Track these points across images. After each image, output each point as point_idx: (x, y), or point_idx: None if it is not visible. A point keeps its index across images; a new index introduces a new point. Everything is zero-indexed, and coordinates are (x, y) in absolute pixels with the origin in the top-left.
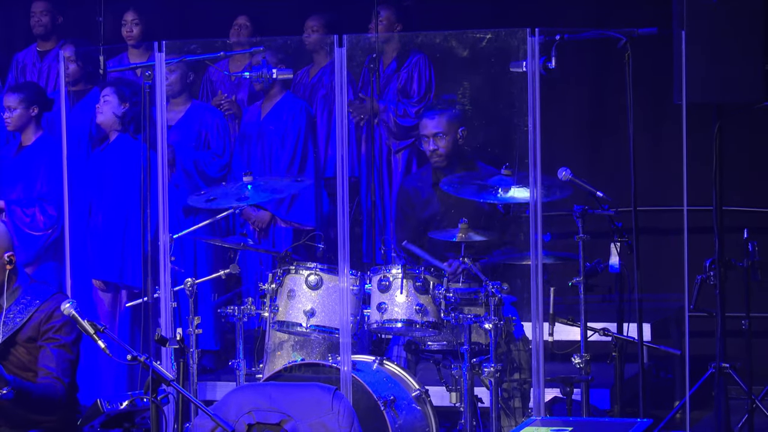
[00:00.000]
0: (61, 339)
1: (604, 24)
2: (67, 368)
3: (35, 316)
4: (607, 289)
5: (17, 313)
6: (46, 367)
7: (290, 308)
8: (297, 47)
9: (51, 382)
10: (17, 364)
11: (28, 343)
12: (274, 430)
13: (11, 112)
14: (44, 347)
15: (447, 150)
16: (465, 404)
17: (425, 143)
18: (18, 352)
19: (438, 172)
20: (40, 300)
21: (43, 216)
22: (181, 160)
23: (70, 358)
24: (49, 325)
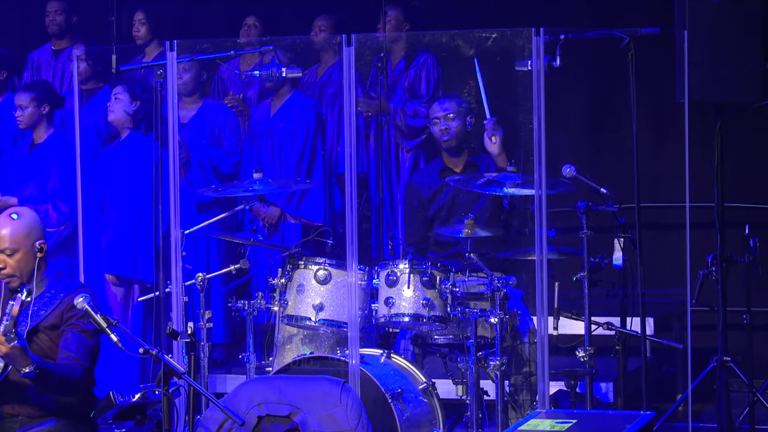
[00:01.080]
0: (83, 325)
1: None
2: (86, 353)
3: (59, 307)
4: (610, 283)
5: (41, 306)
6: (66, 349)
7: (299, 302)
8: (306, 46)
9: (70, 363)
10: (39, 352)
11: (51, 331)
12: (284, 423)
13: (23, 110)
14: (66, 331)
15: (456, 132)
16: (471, 397)
17: (435, 125)
18: (40, 339)
19: (446, 156)
20: (64, 293)
21: (56, 212)
22: (194, 157)
23: (90, 344)
24: (72, 312)
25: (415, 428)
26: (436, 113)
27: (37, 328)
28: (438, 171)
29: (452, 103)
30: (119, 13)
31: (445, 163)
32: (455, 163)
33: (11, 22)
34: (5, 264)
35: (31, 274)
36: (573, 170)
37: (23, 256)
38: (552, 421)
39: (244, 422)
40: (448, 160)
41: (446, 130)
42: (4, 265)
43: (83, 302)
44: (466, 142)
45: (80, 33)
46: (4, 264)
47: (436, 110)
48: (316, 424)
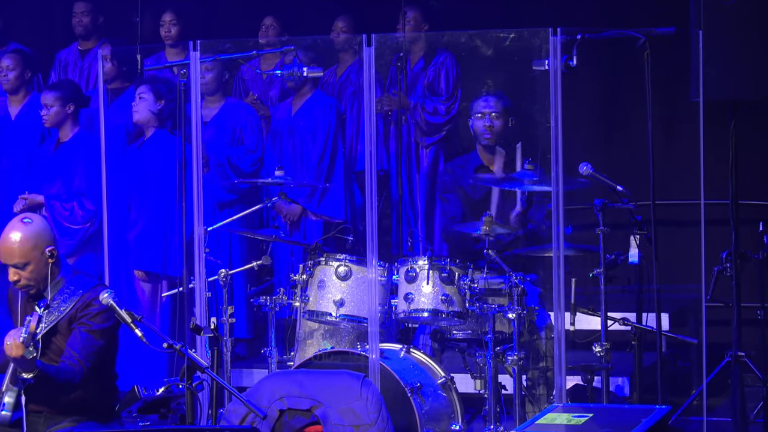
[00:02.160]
0: (92, 325)
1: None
2: (91, 353)
3: (76, 305)
4: (626, 280)
5: (61, 303)
6: (72, 348)
7: (320, 298)
8: (326, 47)
9: (70, 366)
10: (56, 351)
11: (66, 330)
12: (305, 416)
13: (48, 109)
14: (75, 329)
15: (499, 130)
16: (489, 391)
17: (478, 119)
18: (57, 339)
19: (484, 152)
20: (83, 290)
21: (82, 210)
22: (214, 155)
23: (98, 344)
24: (86, 311)
25: (434, 422)
26: (482, 108)
27: (56, 328)
28: (473, 168)
29: (499, 102)
30: (144, 13)
31: (481, 160)
32: (491, 161)
33: (38, 23)
34: (19, 276)
35: (46, 279)
36: (589, 168)
37: (35, 267)
38: (569, 415)
39: (266, 416)
40: (485, 157)
41: (490, 127)
42: (18, 278)
43: (108, 297)
44: (505, 140)
45: (106, 33)
46: (18, 276)
47: (482, 105)
48: (337, 418)
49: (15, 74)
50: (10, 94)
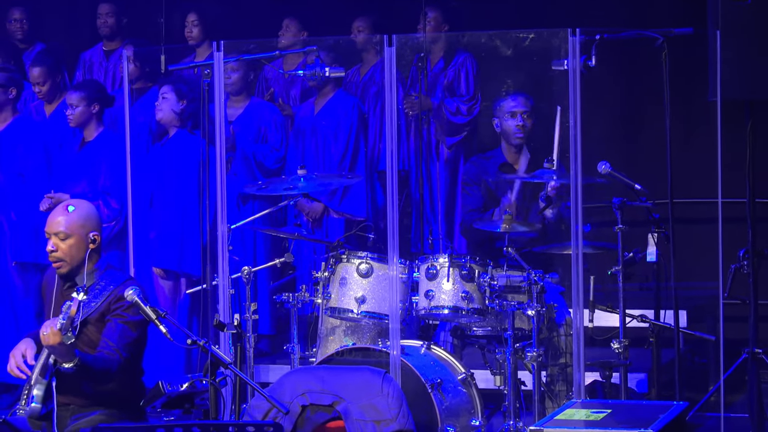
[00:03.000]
0: (127, 316)
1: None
2: (127, 344)
3: (108, 299)
4: (644, 277)
5: (92, 298)
6: (108, 339)
7: (342, 295)
8: (347, 47)
9: (108, 355)
10: (87, 342)
11: (99, 322)
12: (327, 411)
13: (73, 109)
14: (110, 321)
15: (529, 130)
16: (509, 387)
17: (509, 118)
18: (89, 330)
19: (510, 150)
20: (114, 285)
21: (107, 209)
22: (240, 150)
23: (133, 335)
24: (119, 304)
25: (455, 417)
26: (512, 108)
27: (87, 320)
28: (498, 165)
29: (528, 101)
30: (170, 14)
31: (506, 158)
32: (515, 160)
33: (63, 23)
34: (57, 247)
35: (81, 262)
36: (608, 167)
37: (75, 243)
38: (587, 411)
39: (289, 411)
40: (510, 156)
41: (523, 126)
42: (55, 248)
43: (133, 294)
44: (529, 143)
45: (130, 34)
46: (56, 247)
47: (512, 105)
48: (358, 413)
49: (48, 86)
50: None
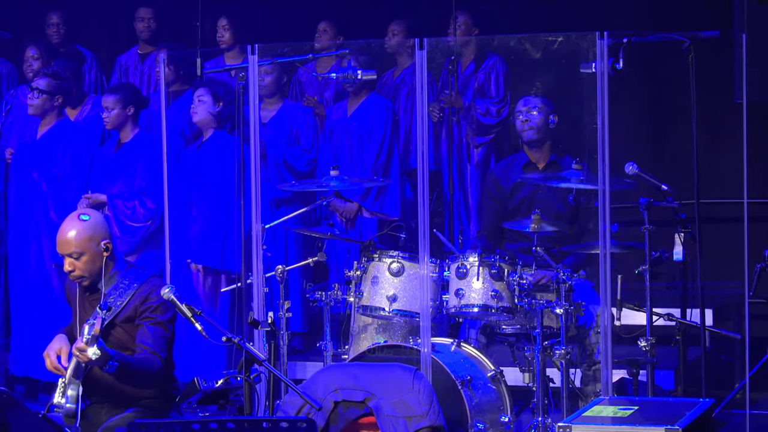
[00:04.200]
0: (157, 317)
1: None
2: (162, 344)
3: (133, 299)
4: (671, 276)
5: (116, 297)
6: (144, 343)
7: (374, 294)
8: (380, 50)
9: (149, 357)
10: (116, 344)
11: (126, 324)
12: (359, 408)
13: (109, 112)
14: (141, 325)
15: (537, 124)
16: (537, 384)
17: (518, 117)
18: (116, 332)
19: (528, 149)
20: (137, 283)
21: (143, 208)
22: (272, 154)
23: (166, 335)
24: (146, 305)
25: (484, 414)
26: (520, 107)
27: (114, 322)
28: (522, 165)
29: (537, 100)
30: (204, 18)
31: (528, 157)
32: (538, 159)
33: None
34: (74, 267)
35: (100, 272)
36: (635, 168)
37: (89, 258)
38: (615, 408)
39: (321, 407)
40: (531, 154)
41: (527, 121)
42: (73, 268)
43: (169, 293)
44: (548, 137)
45: (165, 38)
46: (73, 267)
47: (520, 105)
48: (390, 409)
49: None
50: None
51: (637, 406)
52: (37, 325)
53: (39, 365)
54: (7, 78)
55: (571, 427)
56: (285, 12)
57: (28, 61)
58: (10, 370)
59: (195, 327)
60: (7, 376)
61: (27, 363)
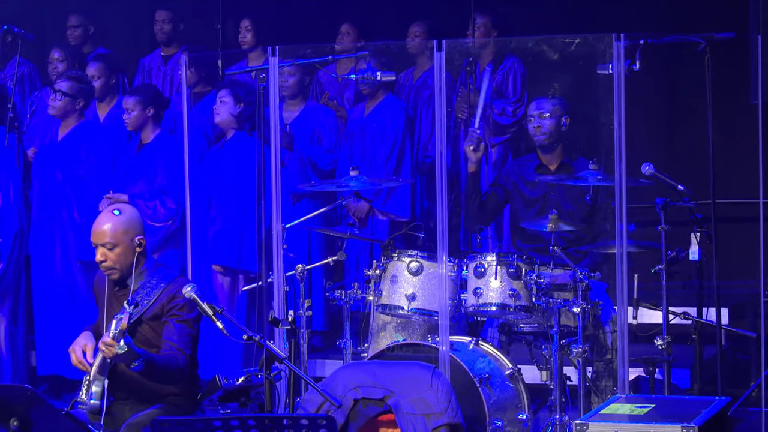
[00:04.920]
0: (183, 315)
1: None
2: (188, 342)
3: (160, 298)
4: (687, 275)
5: (144, 296)
6: (170, 340)
7: (393, 292)
8: (399, 51)
9: (173, 354)
10: (142, 341)
11: (152, 321)
12: (378, 405)
13: (129, 113)
14: (168, 322)
15: (550, 129)
16: (555, 382)
17: (531, 122)
18: (143, 329)
19: (540, 153)
20: (164, 282)
21: (164, 208)
22: (295, 152)
23: (191, 333)
24: (173, 303)
25: (502, 411)
26: (532, 111)
27: (140, 319)
28: (534, 167)
29: (548, 103)
30: (227, 20)
31: (540, 160)
32: (549, 161)
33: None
34: (106, 257)
35: (130, 267)
36: (652, 168)
37: (122, 251)
38: (631, 406)
39: (341, 405)
40: (543, 157)
41: (539, 127)
42: (104, 258)
43: (191, 291)
44: (560, 140)
45: (187, 39)
46: (105, 257)
47: (533, 108)
48: (409, 407)
49: (100, 83)
50: (98, 101)
51: (653, 404)
52: (61, 324)
53: (63, 364)
54: (30, 79)
55: (588, 424)
56: (307, 14)
57: (52, 63)
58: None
59: (215, 325)
60: (32, 375)
61: (51, 361)
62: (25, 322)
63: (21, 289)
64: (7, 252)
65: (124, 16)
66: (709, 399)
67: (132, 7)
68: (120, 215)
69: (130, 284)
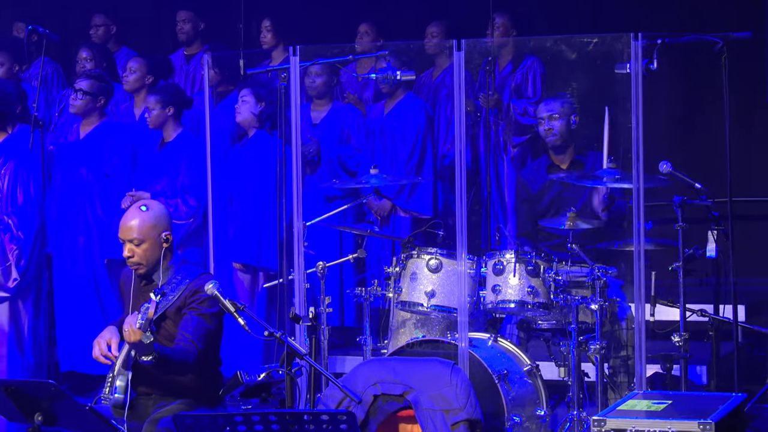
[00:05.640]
0: (202, 309)
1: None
2: (203, 335)
3: (184, 293)
4: (704, 273)
5: (169, 292)
6: (185, 330)
7: (412, 289)
8: (418, 51)
9: (186, 347)
10: (165, 335)
11: (176, 316)
12: (398, 401)
13: (150, 112)
14: (186, 314)
15: (560, 130)
16: (573, 378)
17: (540, 124)
18: (166, 325)
19: (552, 153)
20: (189, 279)
21: (185, 206)
22: (325, 153)
23: (208, 327)
24: (195, 298)
25: (520, 407)
26: (542, 113)
27: (165, 314)
28: (545, 167)
29: (556, 103)
30: (249, 20)
31: (552, 160)
32: (561, 160)
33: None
34: (133, 253)
35: (157, 262)
36: (669, 166)
37: (149, 246)
38: (648, 402)
39: (361, 400)
40: (555, 157)
41: (550, 130)
42: (132, 254)
43: (213, 288)
44: (571, 139)
45: (208, 39)
46: (132, 253)
47: (542, 111)
48: (428, 403)
49: (136, 77)
50: (134, 93)
51: (670, 400)
52: (83, 320)
53: (86, 360)
54: (54, 79)
55: (605, 420)
56: (325, 14)
57: (80, 62)
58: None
59: (237, 322)
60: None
61: (75, 358)
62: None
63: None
64: (28, 248)
65: (147, 16)
66: (726, 395)
67: (154, 7)
68: (147, 211)
69: (156, 280)
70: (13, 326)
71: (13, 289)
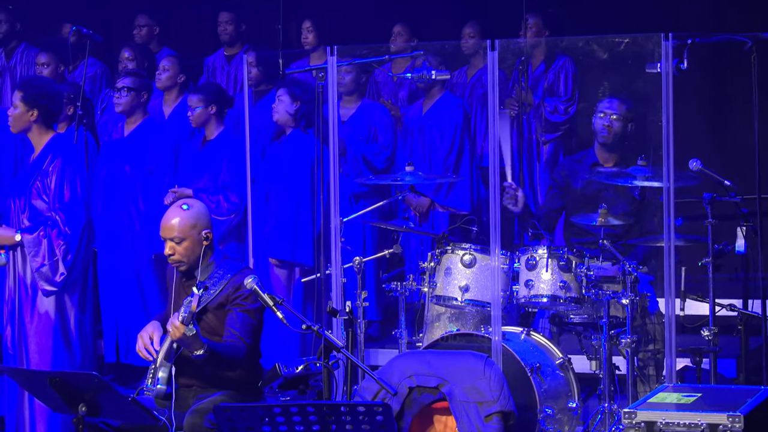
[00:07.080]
0: (246, 305)
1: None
2: (249, 331)
3: (226, 288)
4: (733, 268)
5: (211, 286)
6: (232, 327)
7: (447, 284)
8: (453, 51)
9: (235, 342)
10: (207, 329)
11: (217, 311)
12: (432, 393)
13: (193, 111)
14: (231, 311)
15: (618, 130)
16: (604, 372)
17: (600, 117)
18: (208, 318)
19: (600, 150)
20: (230, 274)
21: (227, 203)
22: (351, 151)
23: (253, 322)
24: (238, 293)
25: (553, 399)
26: (605, 108)
27: (206, 308)
28: (590, 164)
29: (623, 105)
30: (285, 21)
31: (597, 157)
32: (606, 159)
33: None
34: (174, 251)
35: (198, 260)
36: (699, 164)
37: (190, 244)
38: (678, 395)
39: (397, 392)
40: (601, 155)
41: (609, 127)
42: (173, 252)
43: (252, 282)
44: (622, 144)
45: (249, 40)
46: (173, 251)
47: (605, 105)
48: (462, 395)
49: (168, 75)
50: (165, 91)
51: (700, 393)
52: (128, 314)
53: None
54: (100, 79)
55: (636, 412)
56: (361, 14)
57: (123, 62)
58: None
59: (275, 315)
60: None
61: (119, 350)
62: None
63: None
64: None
65: (189, 17)
66: (755, 388)
67: (196, 8)
68: (188, 210)
69: (197, 276)
70: (60, 319)
71: (60, 283)
